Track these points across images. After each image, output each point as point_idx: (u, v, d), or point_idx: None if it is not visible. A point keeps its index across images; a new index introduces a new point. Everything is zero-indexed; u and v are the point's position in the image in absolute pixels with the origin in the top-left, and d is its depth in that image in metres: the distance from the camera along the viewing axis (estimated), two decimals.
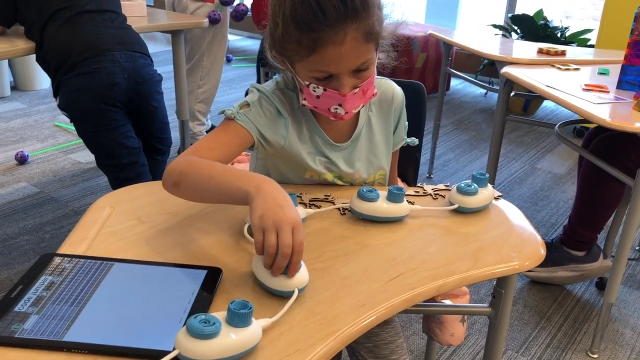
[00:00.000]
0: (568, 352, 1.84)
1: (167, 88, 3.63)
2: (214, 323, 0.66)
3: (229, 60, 5.06)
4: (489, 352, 1.08)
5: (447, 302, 1.22)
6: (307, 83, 1.01)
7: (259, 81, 3.01)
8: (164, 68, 4.02)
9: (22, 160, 2.95)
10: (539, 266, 2.14)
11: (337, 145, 1.12)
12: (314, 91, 1.01)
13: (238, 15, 2.99)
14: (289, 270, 0.79)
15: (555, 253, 2.12)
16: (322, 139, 1.11)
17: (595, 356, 1.82)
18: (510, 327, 1.94)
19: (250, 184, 0.85)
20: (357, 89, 1.01)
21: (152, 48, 4.53)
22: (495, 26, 4.13)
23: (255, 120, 1.04)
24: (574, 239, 2.10)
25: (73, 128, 2.10)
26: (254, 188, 0.84)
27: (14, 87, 4.04)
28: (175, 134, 3.29)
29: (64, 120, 3.45)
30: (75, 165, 2.98)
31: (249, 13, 3.05)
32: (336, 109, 1.02)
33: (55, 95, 1.98)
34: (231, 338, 0.66)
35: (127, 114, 2.00)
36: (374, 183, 1.18)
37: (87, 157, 3.03)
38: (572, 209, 2.10)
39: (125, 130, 1.99)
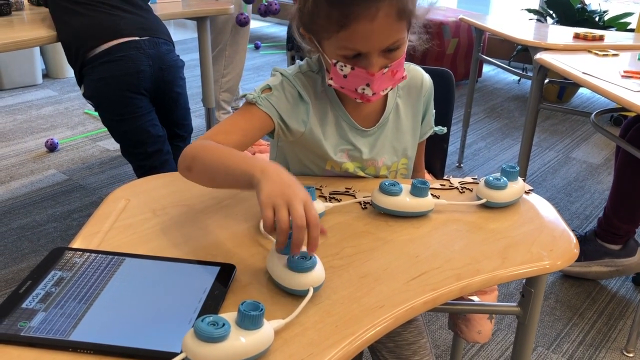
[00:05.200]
0: (602, 350, 1.77)
1: (195, 75, 3.63)
2: (223, 325, 0.63)
3: (257, 47, 5.04)
4: (517, 353, 1.03)
5: (475, 298, 1.17)
6: (334, 61, 0.97)
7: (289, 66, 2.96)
8: (192, 55, 4.02)
9: (52, 147, 2.98)
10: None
11: (364, 130, 1.08)
12: (341, 70, 0.97)
13: (266, 12, 2.89)
14: (309, 245, 0.76)
15: (589, 246, 2.04)
16: (347, 123, 1.07)
17: (631, 355, 1.75)
18: (541, 322, 1.88)
19: (255, 166, 0.83)
20: (387, 69, 0.96)
21: (182, 35, 4.52)
22: (529, 10, 4.00)
23: (277, 104, 1.01)
24: (609, 232, 2.01)
25: None
26: (259, 171, 0.81)
27: (45, 75, 4.08)
28: (201, 122, 3.29)
29: (92, 108, 3.47)
30: (103, 153, 3.00)
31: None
32: (363, 89, 0.98)
33: (79, 84, 1.97)
34: (241, 341, 0.63)
35: (151, 100, 1.99)
36: (396, 172, 1.14)
37: (115, 144, 3.04)
38: (608, 200, 2.01)
39: (151, 117, 1.98)
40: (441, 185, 1.09)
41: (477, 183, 1.06)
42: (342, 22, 0.91)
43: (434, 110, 1.19)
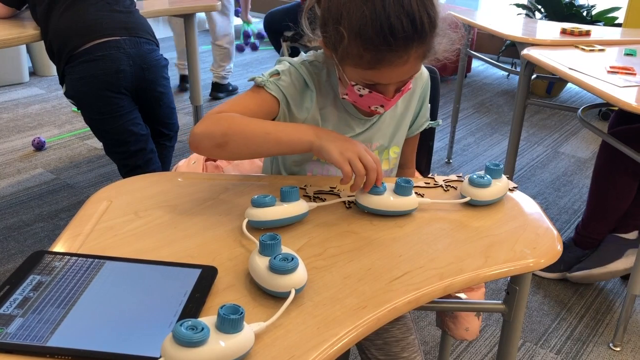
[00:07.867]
0: (589, 344, 1.78)
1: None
2: (202, 329, 0.62)
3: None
4: (502, 350, 1.03)
5: (462, 295, 1.17)
6: (353, 83, 0.97)
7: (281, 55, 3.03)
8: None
9: (39, 146, 2.96)
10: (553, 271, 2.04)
11: (367, 120, 1.10)
12: (359, 91, 0.98)
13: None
14: (377, 180, 0.93)
15: (569, 254, 2.04)
16: (350, 114, 1.09)
17: (618, 349, 1.76)
18: (529, 317, 1.88)
19: (308, 133, 0.95)
20: (400, 92, 1.00)
21: (170, 32, 4.49)
22: (518, 5, 4.00)
23: (285, 89, 1.03)
24: (585, 237, 2.02)
25: None
26: (314, 136, 0.94)
27: (32, 73, 4.04)
28: (189, 119, 3.27)
29: None
30: (91, 152, 2.98)
31: None
32: (377, 108, 1.01)
33: (61, 83, 1.96)
34: (220, 345, 0.63)
35: (133, 100, 1.97)
36: (389, 159, 1.15)
37: None
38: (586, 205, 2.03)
39: (133, 117, 1.97)
40: (425, 183, 1.08)
41: (462, 181, 1.06)
42: (372, 64, 0.92)
43: (429, 104, 1.20)
